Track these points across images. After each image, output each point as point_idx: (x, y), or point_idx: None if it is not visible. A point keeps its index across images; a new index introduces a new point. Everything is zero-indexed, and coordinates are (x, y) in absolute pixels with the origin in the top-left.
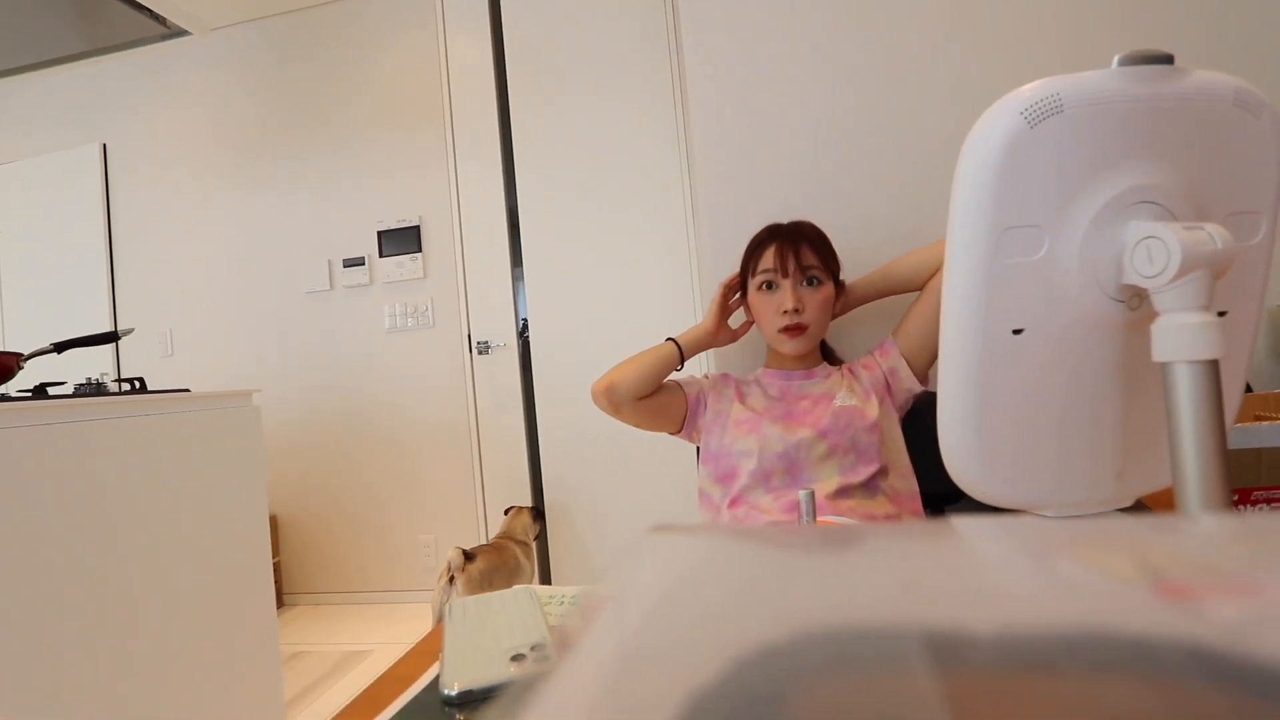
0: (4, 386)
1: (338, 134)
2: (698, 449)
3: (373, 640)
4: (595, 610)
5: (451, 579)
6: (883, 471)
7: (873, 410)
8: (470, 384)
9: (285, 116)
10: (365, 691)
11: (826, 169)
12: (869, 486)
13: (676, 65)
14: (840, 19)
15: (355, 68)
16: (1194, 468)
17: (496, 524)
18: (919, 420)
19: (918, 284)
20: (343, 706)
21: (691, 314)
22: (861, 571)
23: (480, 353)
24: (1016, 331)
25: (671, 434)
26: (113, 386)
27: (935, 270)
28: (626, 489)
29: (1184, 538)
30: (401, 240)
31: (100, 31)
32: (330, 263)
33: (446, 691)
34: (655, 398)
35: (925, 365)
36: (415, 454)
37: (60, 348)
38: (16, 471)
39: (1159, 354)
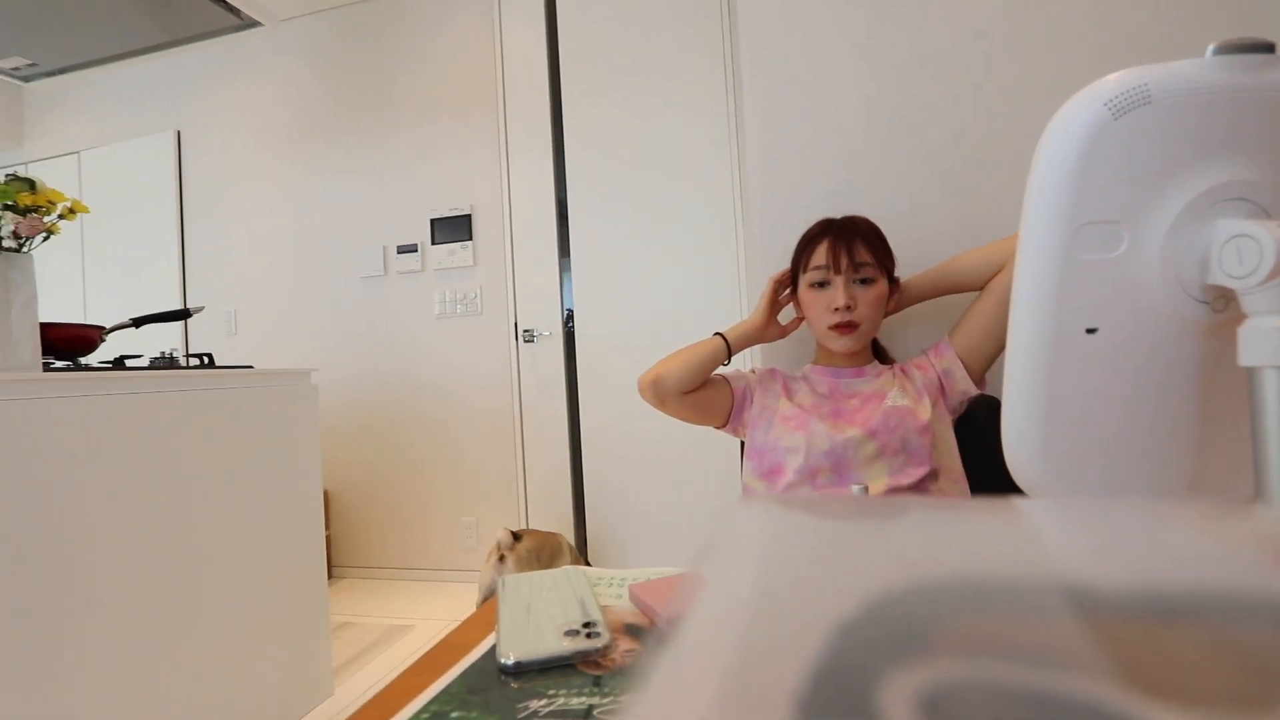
0: (87, 357)
1: (395, 122)
2: (742, 443)
3: (415, 615)
4: (708, 566)
5: (501, 557)
6: (933, 475)
7: (925, 411)
8: (515, 371)
9: (346, 105)
10: (426, 654)
11: (883, 162)
12: (919, 489)
13: (728, 57)
14: (898, 9)
15: (413, 58)
16: None
17: (537, 508)
18: (972, 424)
19: (977, 283)
20: (387, 677)
21: (737, 309)
22: (968, 534)
23: (526, 341)
24: (1090, 330)
25: (717, 428)
26: (184, 361)
27: (997, 270)
28: (666, 479)
29: None
30: (453, 228)
31: (178, 23)
32: (385, 248)
33: (503, 661)
34: (701, 392)
35: (982, 368)
36: (460, 437)
37: (138, 323)
38: (100, 435)
39: (1246, 358)
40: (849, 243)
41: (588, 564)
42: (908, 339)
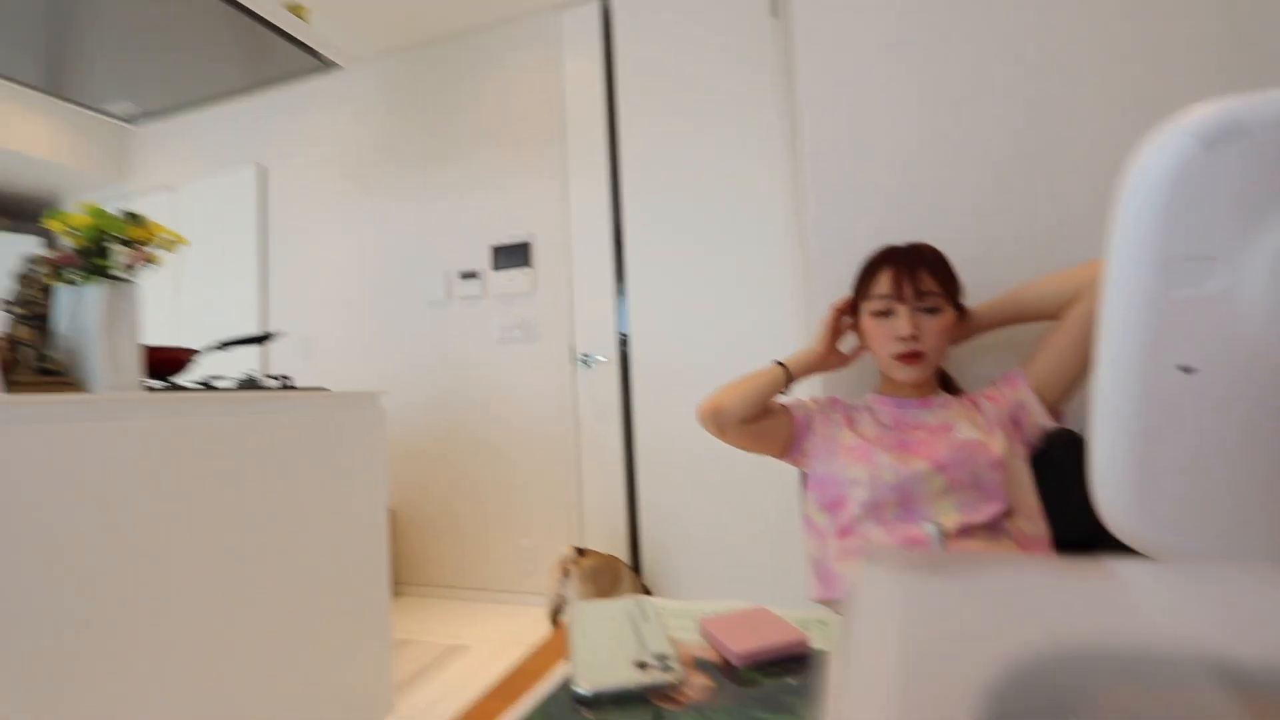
0: (178, 377)
1: (459, 153)
2: (803, 474)
3: (473, 636)
4: (854, 631)
5: (566, 571)
6: (1008, 512)
7: (997, 445)
8: (573, 396)
9: (413, 139)
10: (503, 681)
11: (948, 188)
12: (993, 528)
13: (782, 87)
14: (959, 32)
15: (476, 92)
16: None
17: (592, 532)
18: (1048, 459)
19: (1049, 313)
20: (444, 697)
21: (793, 333)
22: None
23: (583, 365)
24: (1186, 369)
25: (776, 457)
26: (266, 382)
27: (1070, 299)
28: (722, 504)
29: None
30: (513, 255)
31: (265, 67)
32: (448, 275)
33: (579, 691)
34: (761, 421)
35: (1059, 400)
36: (519, 461)
37: (225, 346)
38: (189, 451)
39: None
40: (913, 271)
41: (644, 588)
42: (978, 369)
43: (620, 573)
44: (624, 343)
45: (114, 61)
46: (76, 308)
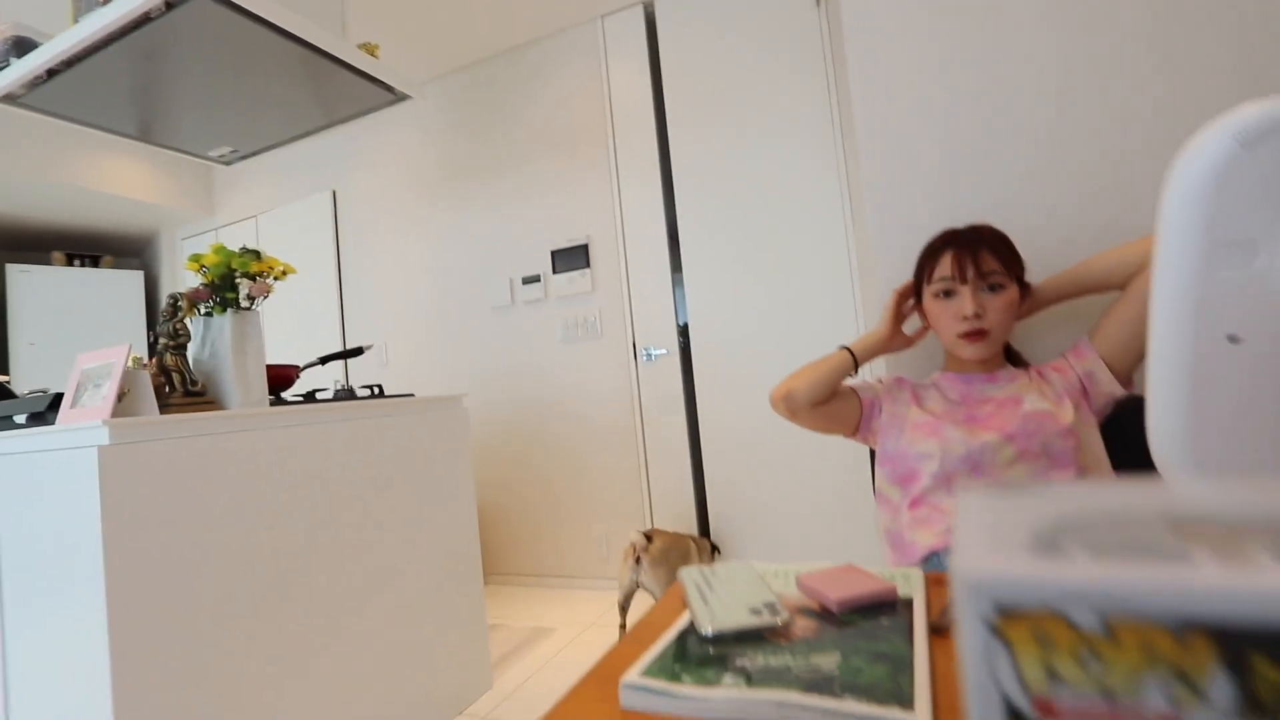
0: (287, 392)
1: (516, 166)
2: (872, 451)
3: (555, 619)
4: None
5: (638, 559)
6: (1080, 479)
7: (1066, 414)
8: (636, 388)
9: (472, 154)
10: (633, 631)
11: (1005, 163)
12: None
13: (829, 74)
14: (1011, 8)
15: (528, 105)
16: None
17: (662, 518)
18: (1120, 426)
19: (1115, 284)
20: (539, 672)
21: (850, 316)
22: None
23: (645, 359)
24: (1233, 339)
25: (846, 436)
26: (360, 392)
27: (1136, 270)
28: (789, 483)
29: None
30: (572, 258)
31: (343, 105)
32: (511, 280)
33: (704, 631)
34: (830, 403)
35: (1129, 368)
36: (588, 454)
37: (324, 360)
38: (304, 456)
39: None
40: (974, 252)
41: (716, 553)
42: (1043, 343)
43: (688, 549)
44: (684, 333)
45: (211, 111)
46: (211, 336)
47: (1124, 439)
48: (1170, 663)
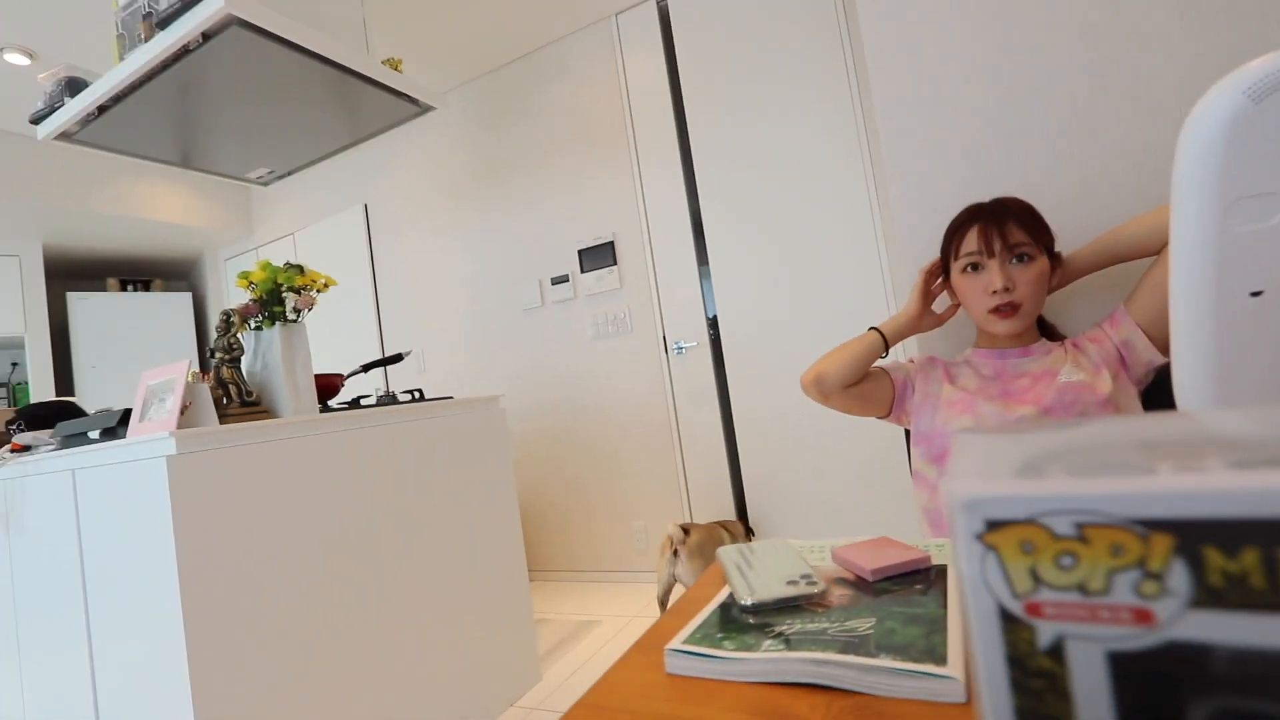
0: (334, 399)
1: (539, 167)
2: (907, 432)
3: (600, 612)
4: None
5: (675, 552)
6: None
7: (1104, 385)
8: (668, 382)
9: (496, 160)
10: (673, 607)
11: (1028, 134)
12: None
13: (848, 55)
14: None
15: (547, 107)
16: None
17: (699, 509)
18: (1162, 393)
19: (1148, 250)
20: (587, 664)
21: (880, 299)
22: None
23: (675, 353)
24: (1256, 294)
25: (880, 418)
26: (402, 397)
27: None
28: (825, 468)
29: None
30: (599, 256)
31: (371, 120)
32: (540, 282)
33: (744, 601)
34: (862, 385)
35: (1168, 334)
36: (623, 449)
37: (367, 368)
38: (353, 460)
39: None
40: (1000, 224)
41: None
42: (1078, 314)
43: (723, 540)
44: (714, 325)
45: (248, 135)
46: (262, 349)
47: (1168, 406)
48: (1136, 560)
